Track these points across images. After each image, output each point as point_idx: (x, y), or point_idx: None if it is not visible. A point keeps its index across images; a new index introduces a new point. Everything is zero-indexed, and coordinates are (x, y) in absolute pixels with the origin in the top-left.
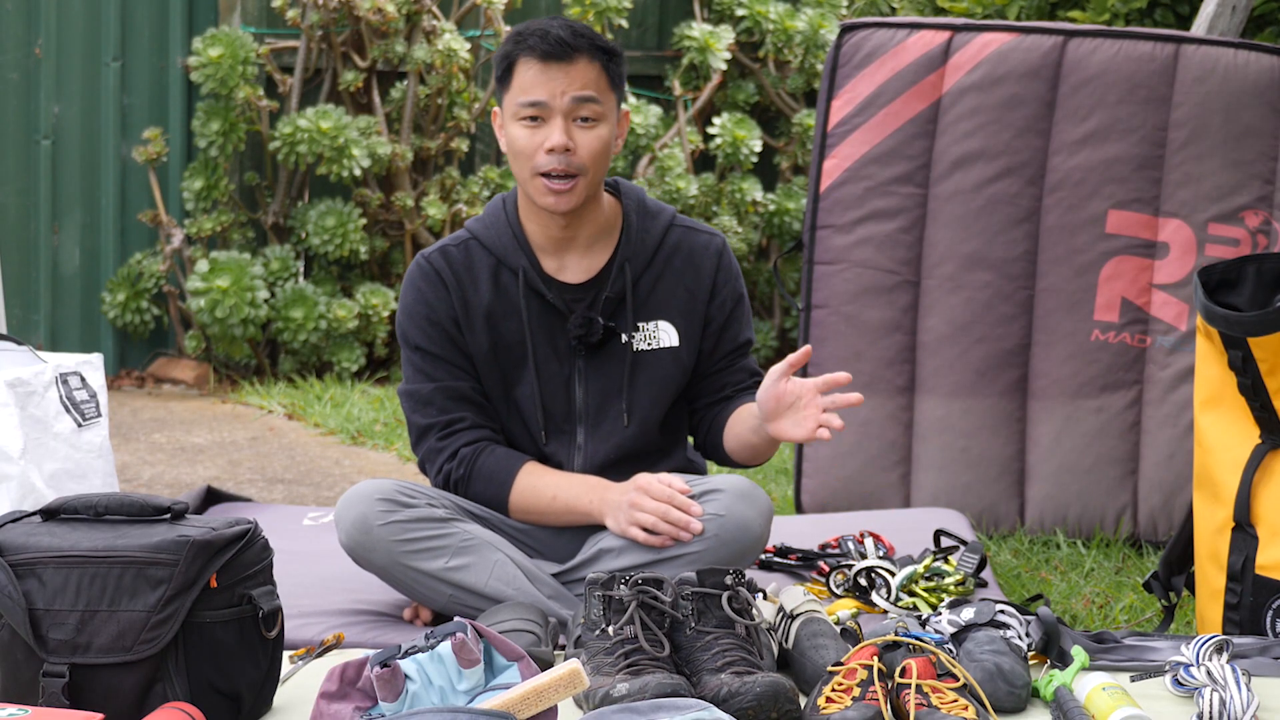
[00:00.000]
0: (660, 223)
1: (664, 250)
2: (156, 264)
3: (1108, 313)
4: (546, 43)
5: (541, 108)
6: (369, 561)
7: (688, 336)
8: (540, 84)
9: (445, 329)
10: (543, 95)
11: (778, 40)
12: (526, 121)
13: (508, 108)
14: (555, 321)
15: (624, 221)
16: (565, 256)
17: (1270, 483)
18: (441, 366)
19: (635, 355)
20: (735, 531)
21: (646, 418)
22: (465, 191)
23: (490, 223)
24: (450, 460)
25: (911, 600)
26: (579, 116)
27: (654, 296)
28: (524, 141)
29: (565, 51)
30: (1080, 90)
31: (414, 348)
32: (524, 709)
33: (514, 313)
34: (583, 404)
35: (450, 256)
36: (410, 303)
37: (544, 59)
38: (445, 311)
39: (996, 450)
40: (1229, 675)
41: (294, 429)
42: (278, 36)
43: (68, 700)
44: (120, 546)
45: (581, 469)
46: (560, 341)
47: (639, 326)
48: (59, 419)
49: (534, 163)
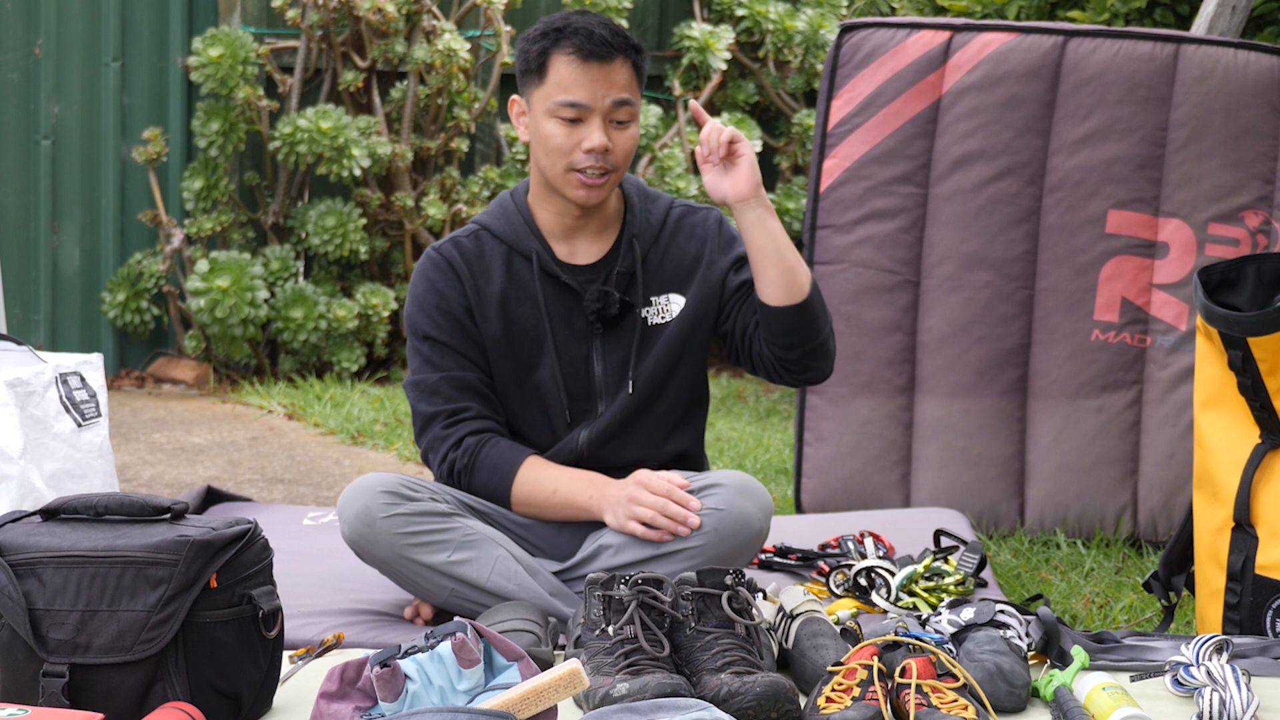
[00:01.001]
0: (661, 204)
1: (668, 227)
2: (156, 264)
3: (1108, 313)
4: (592, 43)
5: (582, 109)
6: (371, 555)
7: (695, 301)
8: (581, 84)
9: (457, 318)
10: (584, 97)
11: (778, 40)
12: (564, 120)
13: (540, 101)
14: (571, 302)
15: (627, 204)
16: (576, 242)
17: (1270, 483)
18: (450, 356)
19: (648, 329)
20: (734, 526)
21: (653, 386)
22: (465, 191)
23: (499, 214)
24: (455, 449)
25: (911, 600)
26: (615, 119)
27: (663, 270)
28: (561, 139)
29: (608, 52)
30: (1080, 90)
31: (423, 337)
32: (524, 709)
33: (529, 297)
34: (602, 381)
35: (462, 246)
36: (421, 293)
37: (586, 58)
38: (458, 300)
39: (996, 450)
40: (1229, 675)
41: (294, 429)
42: (278, 36)
43: (68, 700)
44: (120, 546)
45: (590, 438)
46: (578, 321)
47: (651, 301)
48: (59, 419)
49: (570, 160)
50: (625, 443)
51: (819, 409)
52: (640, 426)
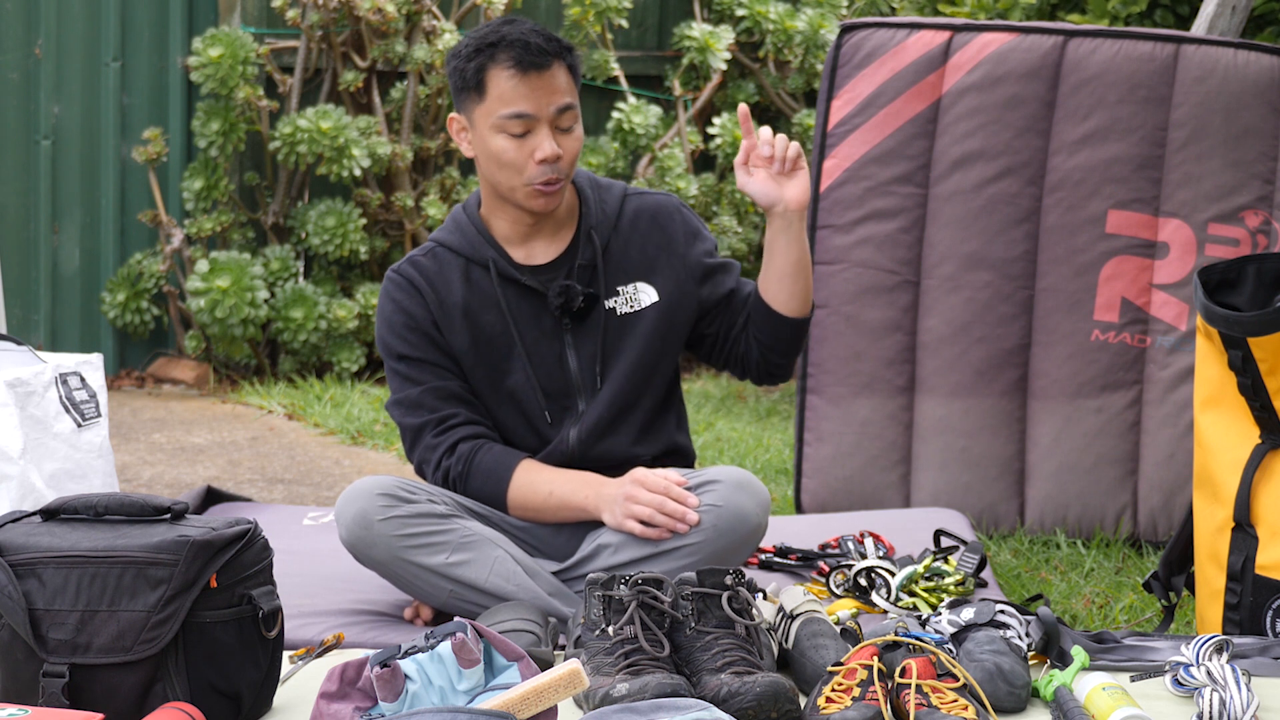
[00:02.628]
0: (615, 193)
1: (625, 216)
2: (156, 264)
3: (1108, 313)
4: (530, 53)
5: (529, 120)
6: (369, 557)
7: (669, 292)
8: (524, 96)
9: (426, 332)
10: (530, 108)
11: (778, 40)
12: (511, 134)
13: (483, 118)
14: (536, 302)
15: (580, 197)
16: (532, 244)
17: (1270, 483)
18: (426, 370)
19: (617, 319)
20: (733, 522)
21: (629, 378)
22: (465, 191)
23: (453, 228)
24: (449, 456)
25: (911, 600)
26: (560, 125)
27: (626, 259)
28: (512, 153)
29: (545, 60)
30: (1080, 90)
31: (397, 357)
32: (524, 709)
33: (491, 304)
34: (578, 376)
35: (419, 265)
36: (389, 314)
37: (525, 70)
38: (423, 315)
39: (996, 450)
40: (1229, 675)
41: (294, 429)
42: (278, 36)
43: (68, 700)
44: (120, 546)
45: (580, 437)
46: (545, 321)
47: (618, 291)
48: (59, 419)
49: (526, 175)
50: (616, 438)
51: (819, 409)
52: (627, 421)
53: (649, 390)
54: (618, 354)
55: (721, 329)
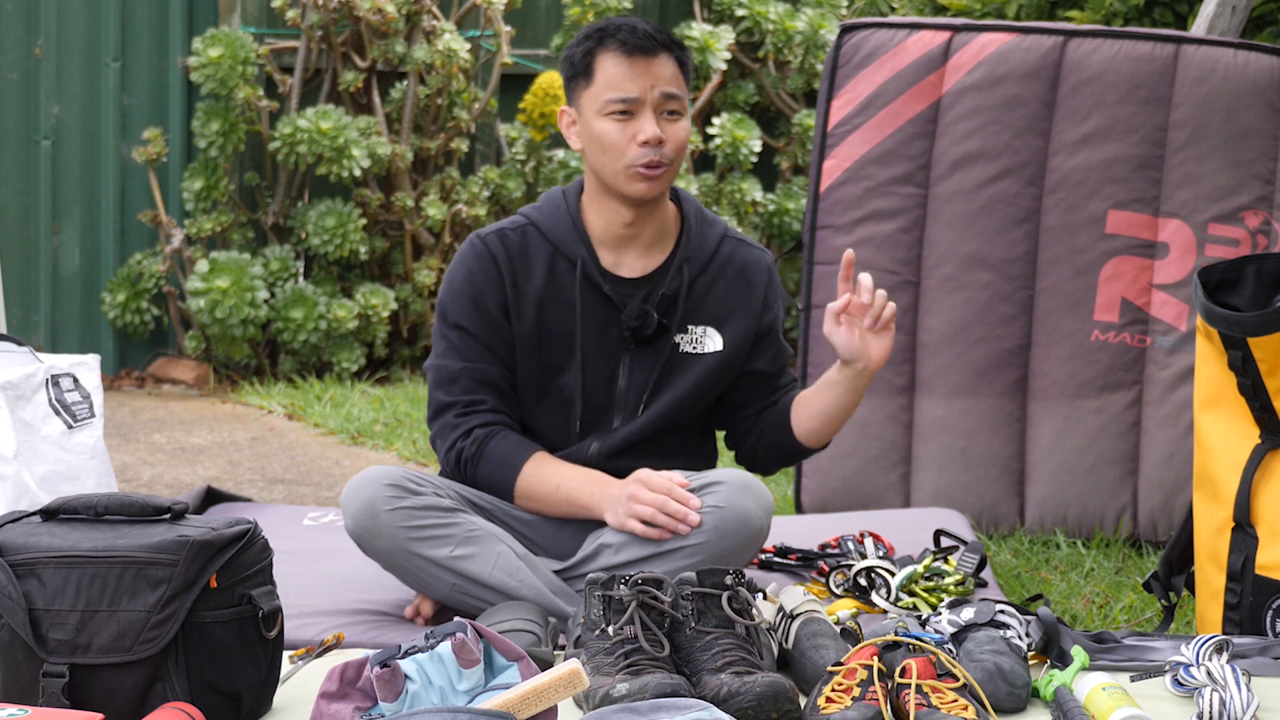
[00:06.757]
0: (716, 231)
1: (719, 258)
2: (156, 264)
3: (1108, 313)
4: (636, 37)
5: (633, 103)
6: (374, 547)
7: (733, 345)
8: (629, 78)
9: (489, 311)
10: (634, 91)
11: (778, 40)
12: (616, 116)
13: (590, 103)
14: (608, 314)
15: (684, 224)
16: (624, 252)
17: (1270, 483)
18: (475, 348)
19: (679, 355)
20: (735, 524)
21: (671, 411)
22: (465, 192)
23: (549, 211)
24: (464, 438)
25: (911, 600)
26: (666, 110)
27: (707, 302)
28: (615, 135)
29: (652, 46)
30: (1080, 90)
31: (452, 325)
32: (524, 709)
33: (566, 302)
34: (622, 397)
35: (507, 240)
36: (459, 281)
37: (631, 53)
38: (494, 295)
39: (996, 450)
40: (1229, 675)
41: (294, 429)
42: (278, 36)
43: (68, 700)
44: (120, 546)
45: (601, 450)
46: (611, 334)
47: (687, 329)
48: (47, 421)
49: (627, 157)
50: (635, 461)
51: None
52: (653, 448)
53: (684, 429)
54: (668, 388)
55: (736, 399)
